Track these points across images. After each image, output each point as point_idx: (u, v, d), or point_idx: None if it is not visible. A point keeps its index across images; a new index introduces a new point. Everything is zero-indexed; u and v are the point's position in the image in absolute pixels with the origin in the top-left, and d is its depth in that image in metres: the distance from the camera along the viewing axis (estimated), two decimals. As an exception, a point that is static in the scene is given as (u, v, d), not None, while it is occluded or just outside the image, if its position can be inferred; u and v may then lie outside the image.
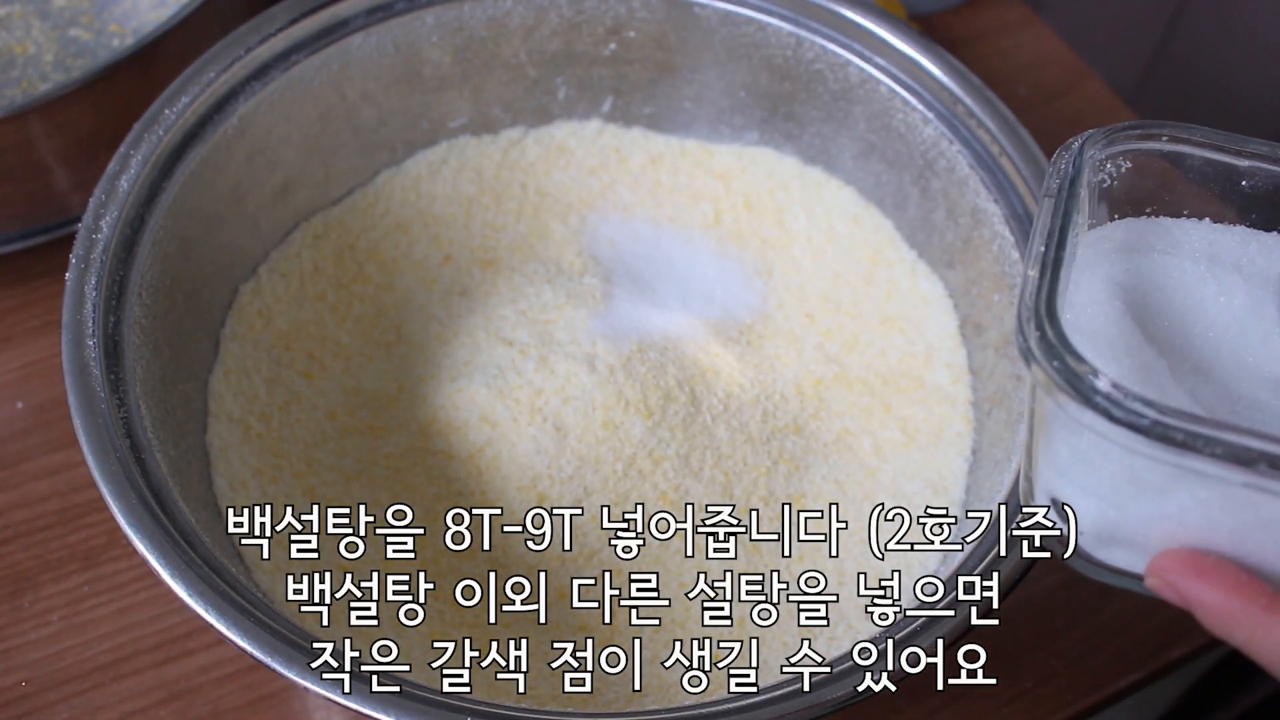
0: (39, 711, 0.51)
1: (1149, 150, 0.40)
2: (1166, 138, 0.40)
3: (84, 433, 0.43)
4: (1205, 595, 0.34)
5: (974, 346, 0.57)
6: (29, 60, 0.66)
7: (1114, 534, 0.37)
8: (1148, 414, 0.32)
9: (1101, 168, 0.40)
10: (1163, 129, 0.40)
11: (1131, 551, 0.37)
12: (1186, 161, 0.40)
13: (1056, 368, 0.33)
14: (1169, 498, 0.34)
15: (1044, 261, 0.36)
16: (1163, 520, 0.35)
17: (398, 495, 0.53)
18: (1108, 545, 0.37)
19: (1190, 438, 0.32)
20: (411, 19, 0.58)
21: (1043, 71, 0.77)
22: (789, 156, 0.64)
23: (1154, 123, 0.40)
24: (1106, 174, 0.40)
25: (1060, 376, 0.33)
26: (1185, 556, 0.35)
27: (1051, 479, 0.37)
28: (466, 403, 0.54)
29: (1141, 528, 0.36)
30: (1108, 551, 0.37)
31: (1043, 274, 0.36)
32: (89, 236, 0.48)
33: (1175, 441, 0.32)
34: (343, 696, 0.39)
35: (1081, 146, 0.39)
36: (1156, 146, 0.40)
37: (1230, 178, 0.40)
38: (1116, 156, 0.40)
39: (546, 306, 0.58)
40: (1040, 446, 0.37)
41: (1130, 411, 0.32)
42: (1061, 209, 0.38)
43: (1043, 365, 0.34)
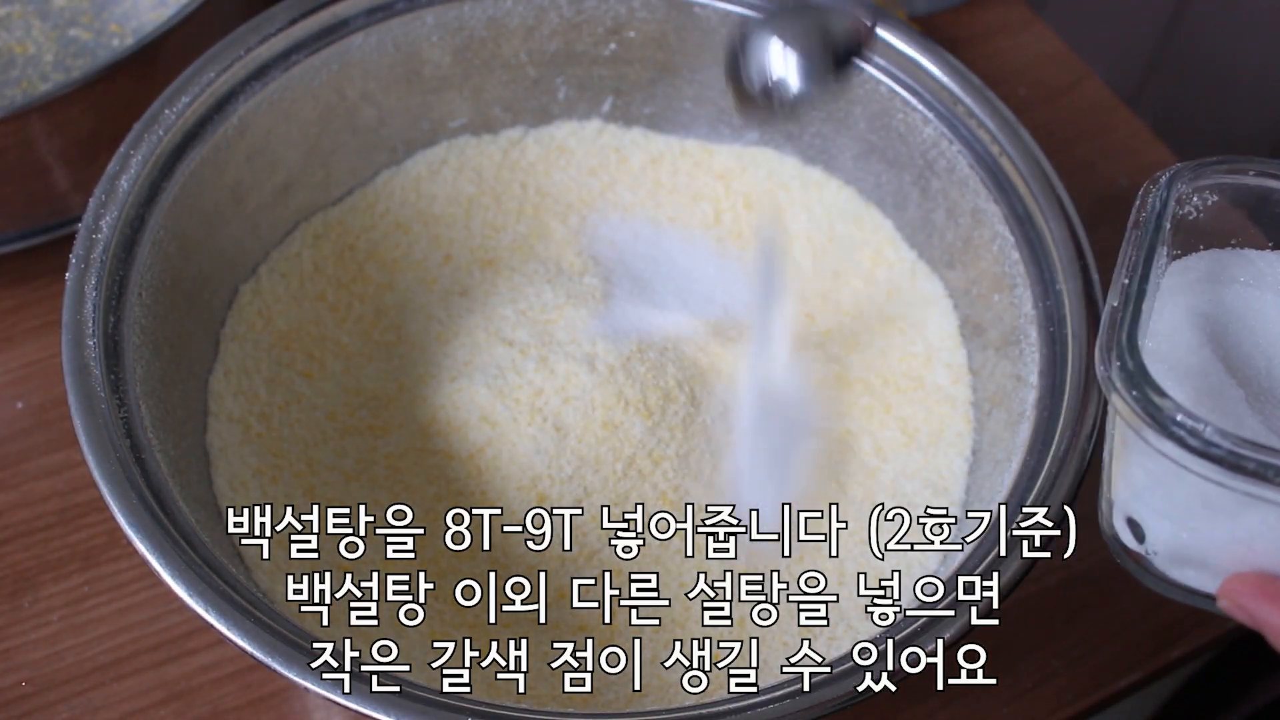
0: (39, 711, 0.51)
1: (1236, 184, 0.41)
2: (1254, 172, 0.41)
3: (84, 433, 0.43)
4: (1275, 618, 0.35)
5: (974, 346, 0.57)
6: (29, 60, 0.66)
7: (1187, 555, 0.38)
8: (1222, 444, 0.33)
9: (1187, 200, 0.41)
10: (1250, 164, 0.41)
11: (1204, 572, 0.38)
12: (1274, 196, 0.41)
13: (1135, 398, 0.35)
14: (1240, 522, 0.36)
15: (1127, 293, 0.37)
16: (1234, 543, 0.36)
17: (398, 495, 0.53)
18: (1181, 565, 0.38)
19: (1262, 467, 0.33)
20: (411, 19, 0.58)
21: (1043, 71, 0.77)
22: (789, 156, 0.64)
23: (1242, 158, 0.41)
24: (1192, 206, 0.41)
25: (1139, 406, 0.35)
26: (1256, 580, 0.36)
27: (1128, 501, 0.39)
28: (466, 403, 0.54)
29: (1213, 550, 0.37)
30: (1181, 571, 0.39)
31: (1125, 304, 0.37)
32: (89, 236, 0.48)
33: (1247, 470, 0.33)
34: (343, 696, 0.39)
35: (1170, 180, 0.40)
36: (1243, 180, 0.41)
37: None
38: (1203, 190, 0.41)
39: (546, 306, 0.58)
40: (1118, 470, 0.39)
41: (1205, 441, 0.34)
42: (1147, 241, 0.39)
43: (1123, 395, 0.35)
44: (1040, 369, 0.49)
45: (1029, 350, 0.50)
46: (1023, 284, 0.52)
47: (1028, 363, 0.50)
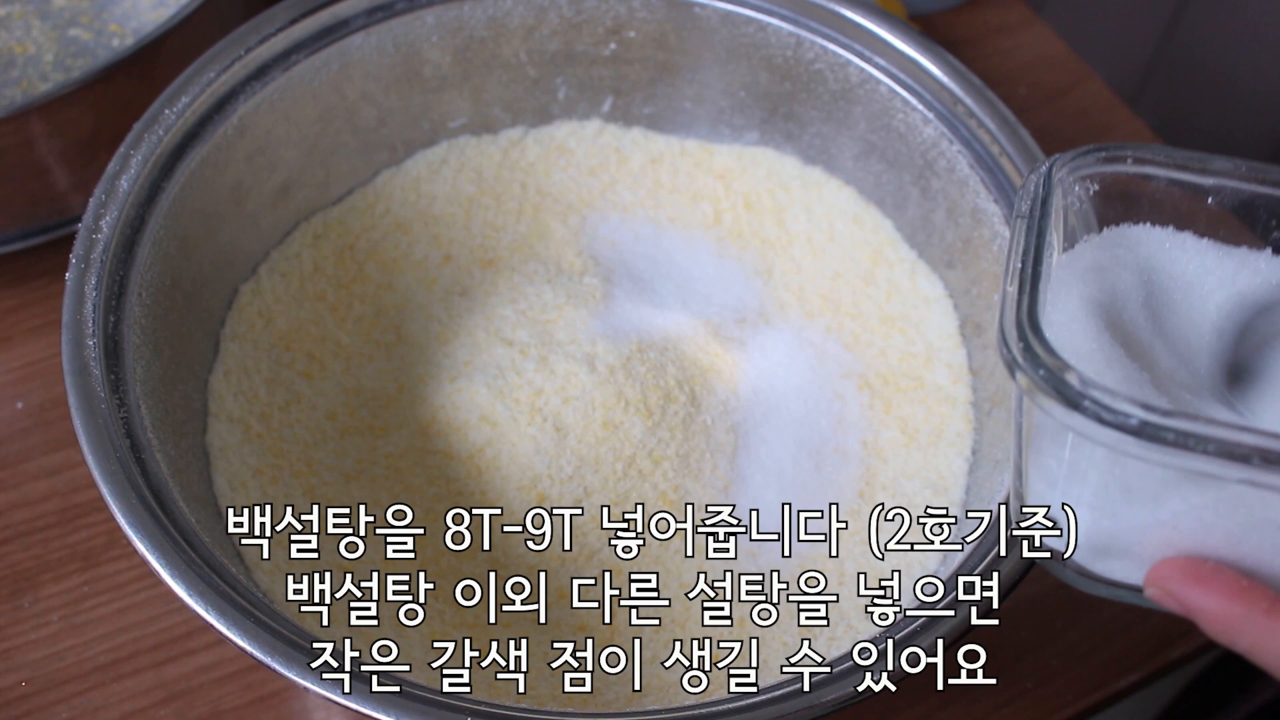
0: (39, 711, 0.51)
1: (1115, 172, 0.40)
2: (1131, 159, 0.40)
3: (84, 433, 0.43)
4: (1206, 602, 0.33)
5: (974, 346, 0.57)
6: (29, 60, 0.66)
7: (1109, 545, 0.36)
8: (1136, 413, 0.32)
9: (1070, 190, 0.40)
10: (1126, 151, 0.40)
11: (1128, 562, 0.36)
12: (1153, 182, 0.40)
13: (1043, 375, 0.34)
14: (1162, 504, 0.34)
15: (1022, 276, 0.37)
16: (1157, 527, 0.35)
17: (398, 495, 0.53)
18: (1104, 558, 0.37)
19: (1182, 436, 0.31)
20: (411, 19, 0.58)
21: (1043, 71, 0.77)
22: (789, 156, 0.64)
23: (1118, 145, 0.41)
24: (1075, 197, 0.41)
25: (1046, 383, 0.33)
26: (1183, 564, 0.34)
27: (1042, 492, 0.37)
28: (466, 403, 0.54)
29: (1137, 537, 0.35)
30: (1104, 564, 0.37)
31: (1022, 288, 0.36)
32: (89, 236, 0.48)
33: (1167, 441, 0.32)
34: (343, 696, 0.39)
35: (1049, 169, 0.40)
36: (1122, 169, 0.40)
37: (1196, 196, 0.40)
38: (1084, 179, 0.41)
39: (546, 306, 0.58)
40: (1029, 460, 0.38)
41: (1118, 413, 0.32)
42: (1035, 227, 0.38)
43: (1028, 373, 0.34)
44: (1040, 369, 0.49)
45: (1029, 350, 0.50)
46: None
47: (1028, 363, 0.50)
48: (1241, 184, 0.40)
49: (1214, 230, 0.40)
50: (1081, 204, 0.41)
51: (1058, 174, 0.40)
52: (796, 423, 0.56)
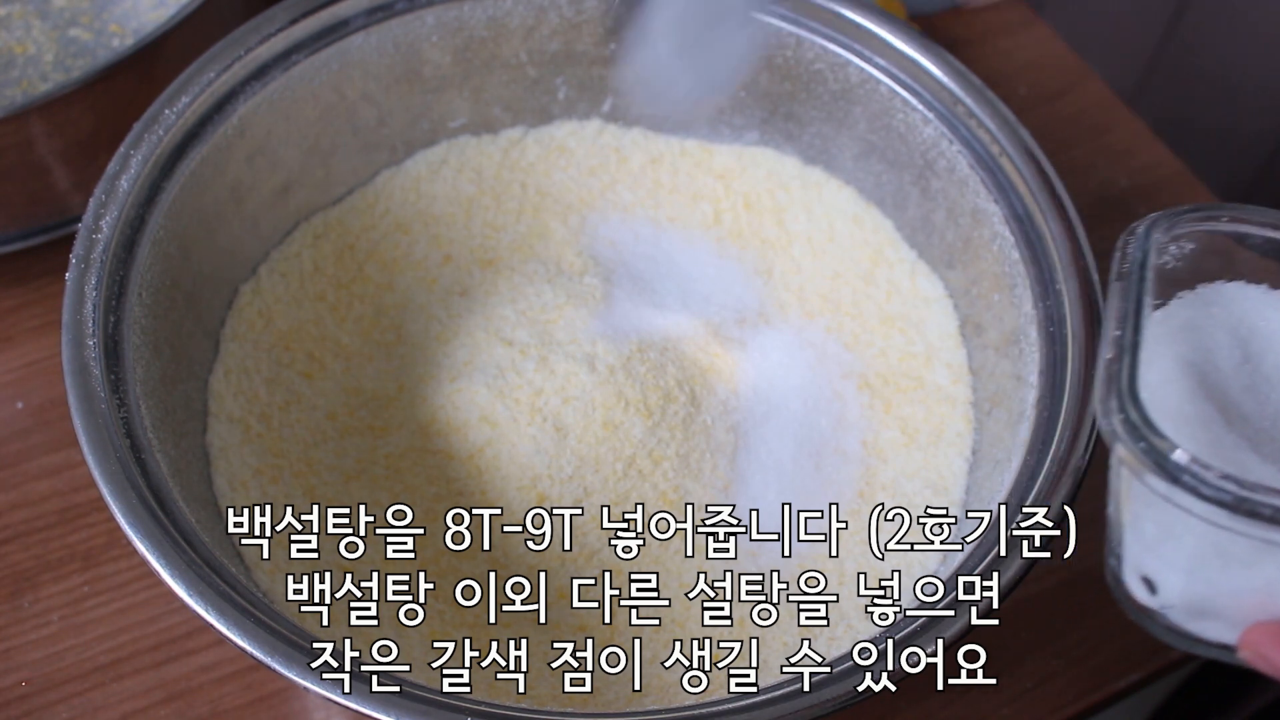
0: (39, 711, 0.51)
1: (1210, 231, 0.41)
2: (1227, 218, 0.41)
3: (84, 433, 0.43)
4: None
5: (974, 346, 0.57)
6: (29, 60, 0.66)
7: (1204, 607, 0.37)
8: (1232, 490, 0.33)
9: (1164, 250, 0.41)
10: (1223, 211, 0.41)
11: (1221, 623, 0.37)
12: (1248, 240, 0.41)
13: (1142, 448, 0.35)
14: (1256, 570, 0.35)
15: (1121, 344, 0.37)
16: (1251, 593, 0.36)
17: (398, 495, 0.53)
18: (1198, 618, 0.38)
19: (1276, 512, 0.33)
20: (411, 19, 0.58)
21: (1043, 71, 0.77)
22: (789, 156, 0.64)
23: (1215, 205, 0.41)
24: (1170, 255, 0.41)
25: (1147, 456, 0.35)
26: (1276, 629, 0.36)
27: (1139, 555, 0.38)
28: (466, 403, 0.54)
29: (1230, 600, 0.37)
30: (1199, 624, 0.38)
31: (1120, 356, 0.37)
32: (89, 236, 0.48)
33: (1261, 516, 0.33)
34: (343, 696, 0.39)
35: (1148, 229, 0.40)
36: (1218, 228, 0.41)
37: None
38: (1179, 239, 0.41)
39: (546, 306, 0.58)
40: (1127, 523, 0.38)
41: (1216, 488, 0.33)
42: (1133, 292, 0.39)
43: (1128, 446, 0.35)
44: (1040, 369, 0.49)
45: (1029, 350, 0.50)
46: (1023, 284, 0.52)
47: (1028, 363, 0.50)
48: None
49: None
50: (1176, 262, 0.41)
51: (1154, 235, 0.40)
52: (796, 423, 0.56)
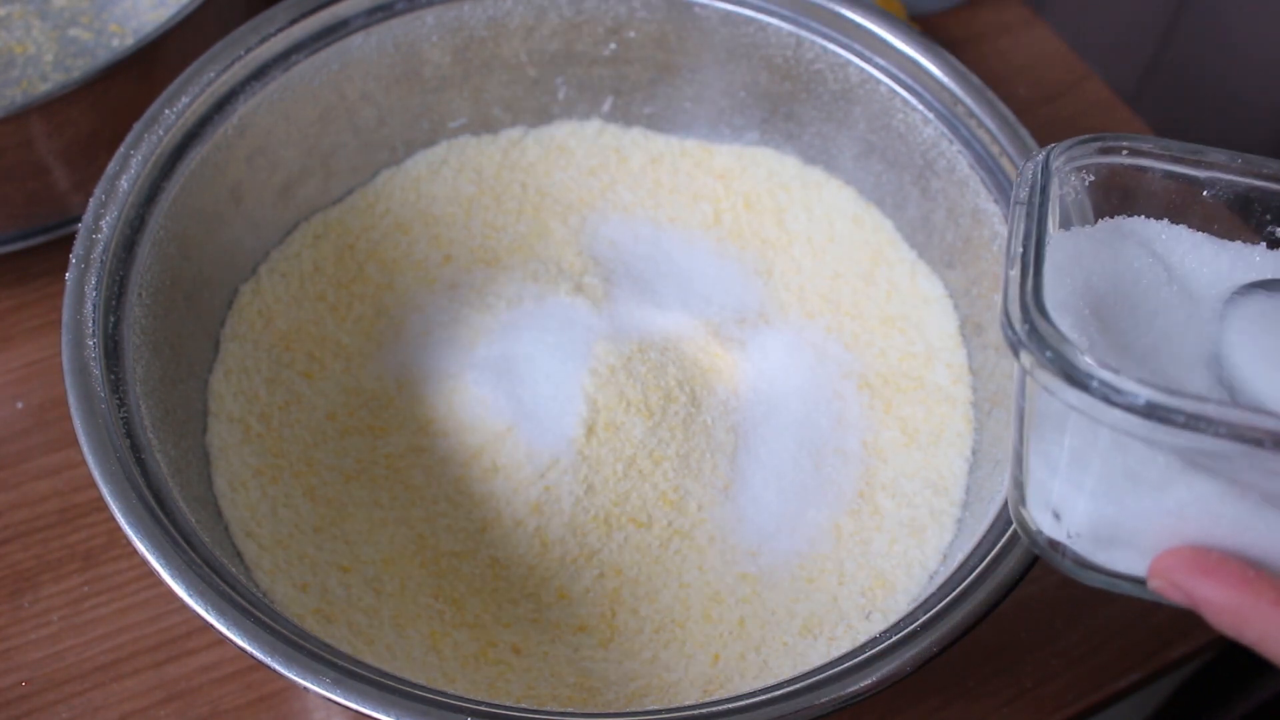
0: (39, 711, 0.51)
1: (1111, 164, 0.40)
2: (1127, 151, 0.40)
3: (84, 433, 0.44)
4: (1212, 594, 0.33)
5: (974, 346, 0.57)
6: (29, 60, 0.66)
7: (1112, 535, 0.36)
8: (1144, 393, 0.31)
9: (1066, 180, 0.40)
10: (1122, 142, 0.40)
11: (1132, 552, 0.36)
12: (1148, 174, 0.40)
13: (1049, 356, 0.33)
14: (1168, 492, 0.34)
15: (1024, 260, 0.36)
16: (1162, 516, 0.34)
17: (397, 495, 0.53)
18: (1107, 547, 0.36)
19: (1192, 419, 0.31)
20: (411, 19, 0.58)
21: (1043, 72, 0.77)
22: (789, 156, 0.64)
23: (1114, 135, 0.40)
24: (1071, 187, 0.40)
25: (1053, 363, 0.33)
26: (1189, 554, 0.34)
27: (1043, 480, 0.37)
28: (466, 402, 0.54)
29: (1140, 526, 0.35)
30: (1107, 554, 0.36)
31: (1024, 271, 0.36)
32: (89, 236, 0.48)
33: (1176, 423, 0.31)
34: (343, 696, 0.39)
35: (1047, 157, 0.40)
36: (1117, 160, 0.40)
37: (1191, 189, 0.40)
38: (1080, 170, 0.40)
39: (546, 306, 0.58)
40: (1031, 447, 0.37)
41: (1126, 393, 0.31)
42: (1035, 214, 0.38)
43: (1034, 353, 0.33)
44: (1040, 369, 0.49)
45: (1029, 350, 0.50)
46: (1023, 284, 0.52)
47: (1028, 363, 0.50)
48: (1237, 177, 0.39)
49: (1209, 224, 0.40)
50: (1077, 194, 0.40)
51: (1055, 162, 0.40)
52: (796, 423, 0.56)
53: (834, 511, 0.53)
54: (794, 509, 0.53)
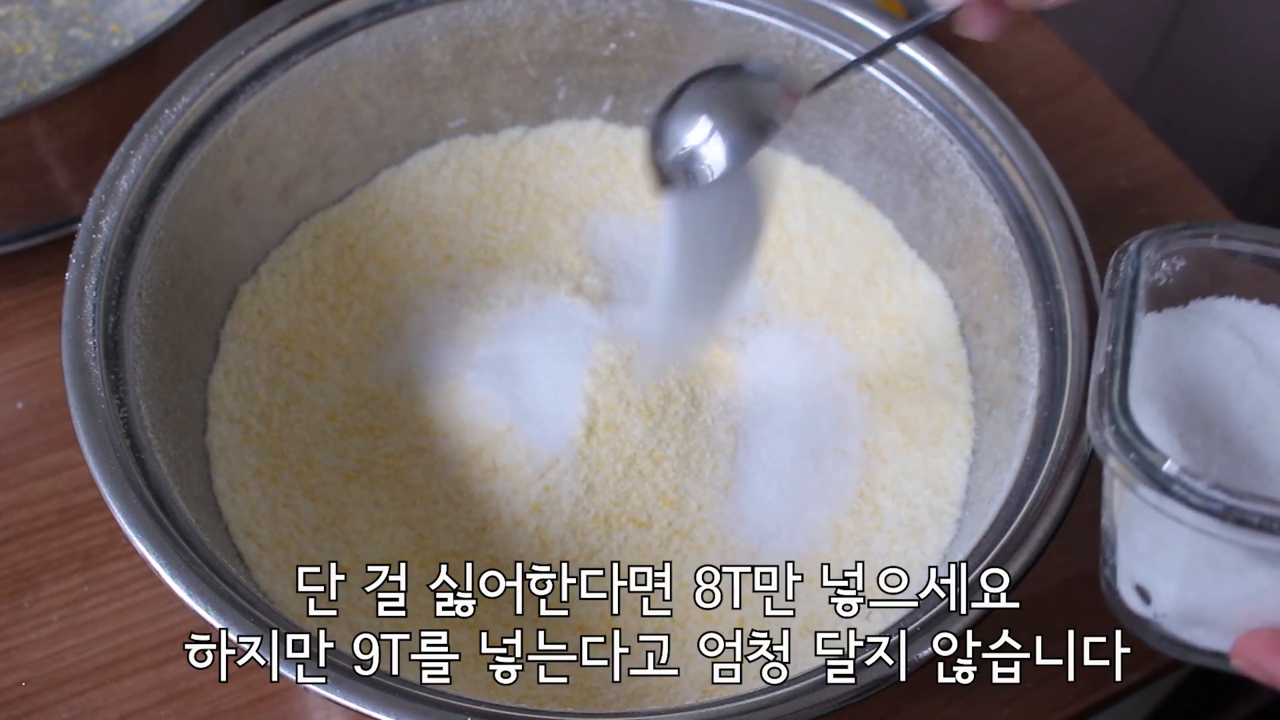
0: (39, 711, 0.51)
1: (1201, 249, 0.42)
2: (1218, 236, 0.42)
3: (84, 433, 0.44)
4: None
5: (974, 346, 0.57)
6: (29, 60, 0.66)
7: (1197, 615, 0.38)
8: (1221, 499, 0.34)
9: (1156, 267, 0.42)
10: (1214, 229, 0.42)
11: (1215, 632, 0.38)
12: (1238, 258, 0.42)
13: (1133, 459, 0.35)
14: (1247, 578, 0.36)
15: (1113, 359, 0.38)
16: (1243, 600, 0.36)
17: (397, 495, 0.53)
18: (1192, 626, 0.38)
19: (1266, 520, 0.33)
20: (411, 19, 0.58)
21: (1043, 71, 0.77)
22: (788, 156, 0.64)
23: (1207, 224, 0.42)
24: (1162, 272, 0.42)
25: (1137, 468, 0.35)
26: (1269, 636, 0.36)
27: (1133, 565, 0.39)
28: (466, 402, 0.54)
29: (1223, 608, 0.37)
30: (1193, 632, 0.39)
31: (1111, 370, 0.38)
32: (89, 236, 0.48)
33: (1251, 525, 0.33)
34: (342, 696, 0.39)
35: (1140, 246, 0.41)
36: (1209, 245, 0.42)
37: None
38: (1171, 255, 0.42)
39: (546, 306, 0.58)
40: (1120, 534, 0.39)
41: (1205, 498, 0.34)
42: (1124, 308, 0.40)
43: (1120, 458, 0.36)
44: (1040, 369, 0.49)
45: (1029, 350, 0.50)
46: (1023, 284, 0.52)
47: (1028, 363, 0.50)
48: None
49: None
50: (1168, 279, 0.42)
51: (1146, 252, 0.41)
52: (796, 423, 0.56)
53: (834, 511, 0.53)
54: (794, 509, 0.53)
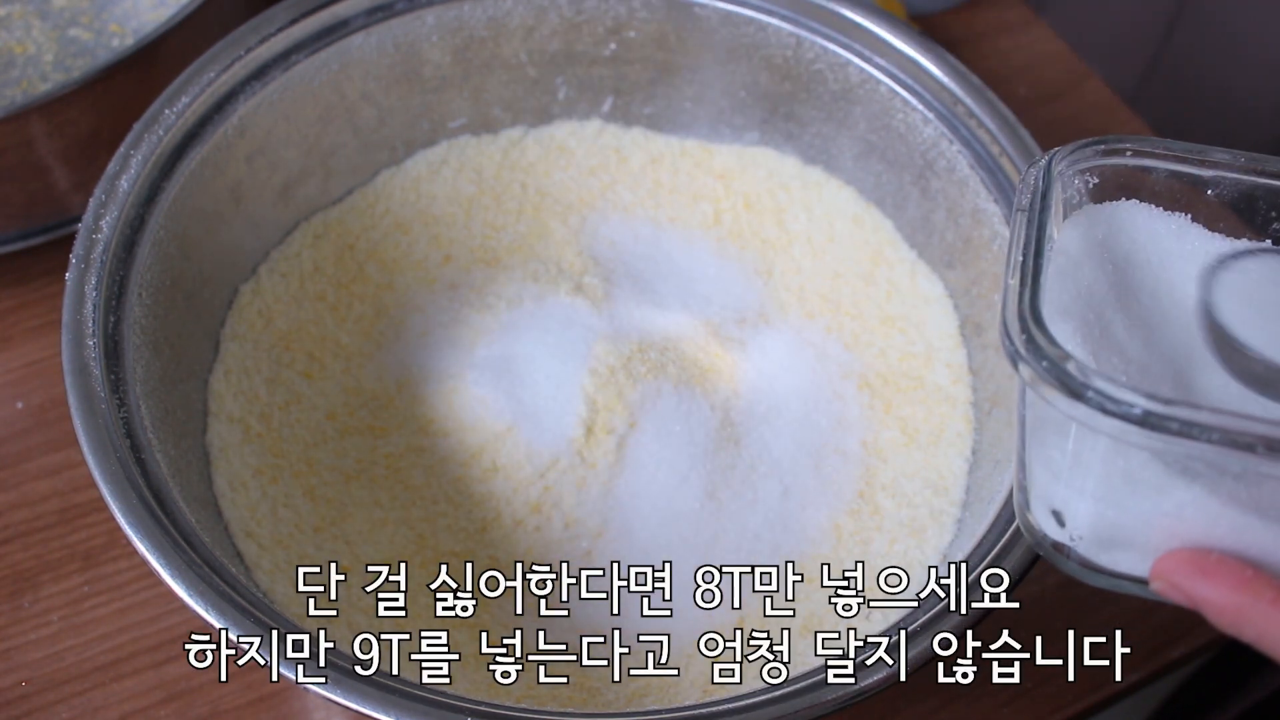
0: (39, 711, 0.51)
1: (1114, 165, 0.40)
2: (1130, 152, 0.40)
3: (84, 433, 0.44)
4: (1212, 594, 0.33)
5: (974, 346, 0.57)
6: (29, 60, 0.66)
7: (1114, 536, 0.36)
8: (1139, 403, 0.32)
9: (1069, 184, 0.40)
10: (1125, 144, 0.40)
11: (1133, 554, 0.36)
12: (1152, 175, 0.40)
13: (1046, 367, 0.34)
14: (1166, 495, 0.34)
15: (1024, 269, 0.37)
16: (1162, 518, 0.35)
17: (397, 495, 0.53)
18: (1109, 549, 0.37)
19: (1185, 426, 0.31)
20: (411, 19, 0.58)
21: (1043, 72, 0.77)
22: (789, 156, 0.64)
23: (1116, 138, 0.41)
24: (1075, 190, 0.41)
25: (1050, 374, 0.33)
26: (1188, 556, 0.34)
27: (1046, 484, 0.37)
28: (466, 402, 0.54)
29: (1141, 528, 0.35)
30: (1109, 556, 0.37)
31: (1023, 281, 0.36)
32: (89, 236, 0.48)
33: (1170, 430, 0.32)
34: (342, 696, 0.39)
35: (1049, 162, 0.40)
36: (1121, 161, 0.40)
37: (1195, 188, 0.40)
38: (1083, 172, 0.41)
39: (546, 307, 0.58)
40: (1033, 452, 0.38)
41: (1122, 402, 0.32)
42: (1035, 220, 0.38)
43: (1032, 365, 0.34)
44: (1040, 369, 0.49)
45: (1029, 350, 0.50)
46: (1023, 284, 0.52)
47: (1028, 363, 0.50)
48: (1240, 175, 0.39)
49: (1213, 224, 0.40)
50: (1080, 197, 0.41)
51: (1057, 167, 0.40)
52: (796, 423, 0.56)
53: (834, 511, 0.53)
54: (794, 509, 0.53)
